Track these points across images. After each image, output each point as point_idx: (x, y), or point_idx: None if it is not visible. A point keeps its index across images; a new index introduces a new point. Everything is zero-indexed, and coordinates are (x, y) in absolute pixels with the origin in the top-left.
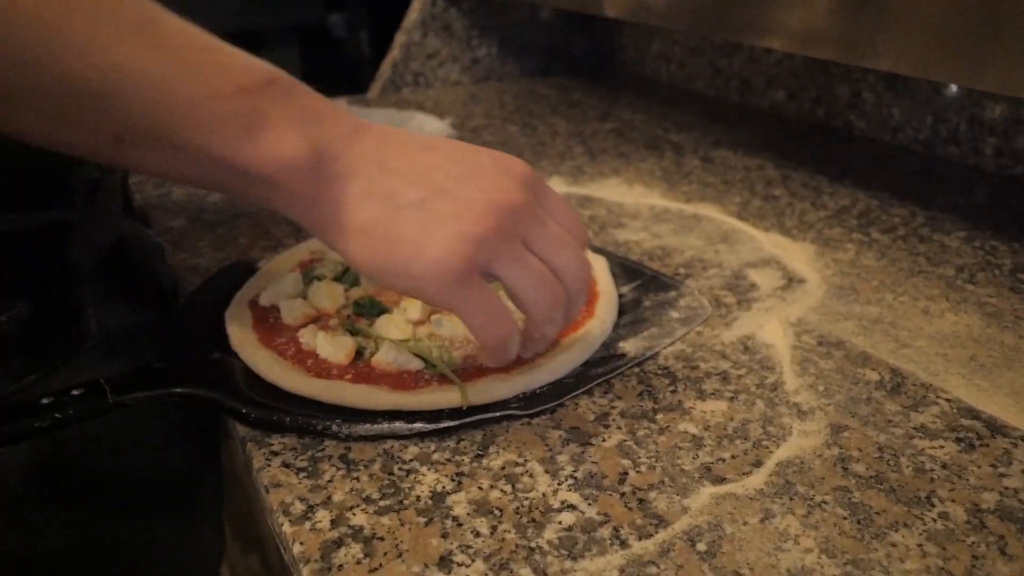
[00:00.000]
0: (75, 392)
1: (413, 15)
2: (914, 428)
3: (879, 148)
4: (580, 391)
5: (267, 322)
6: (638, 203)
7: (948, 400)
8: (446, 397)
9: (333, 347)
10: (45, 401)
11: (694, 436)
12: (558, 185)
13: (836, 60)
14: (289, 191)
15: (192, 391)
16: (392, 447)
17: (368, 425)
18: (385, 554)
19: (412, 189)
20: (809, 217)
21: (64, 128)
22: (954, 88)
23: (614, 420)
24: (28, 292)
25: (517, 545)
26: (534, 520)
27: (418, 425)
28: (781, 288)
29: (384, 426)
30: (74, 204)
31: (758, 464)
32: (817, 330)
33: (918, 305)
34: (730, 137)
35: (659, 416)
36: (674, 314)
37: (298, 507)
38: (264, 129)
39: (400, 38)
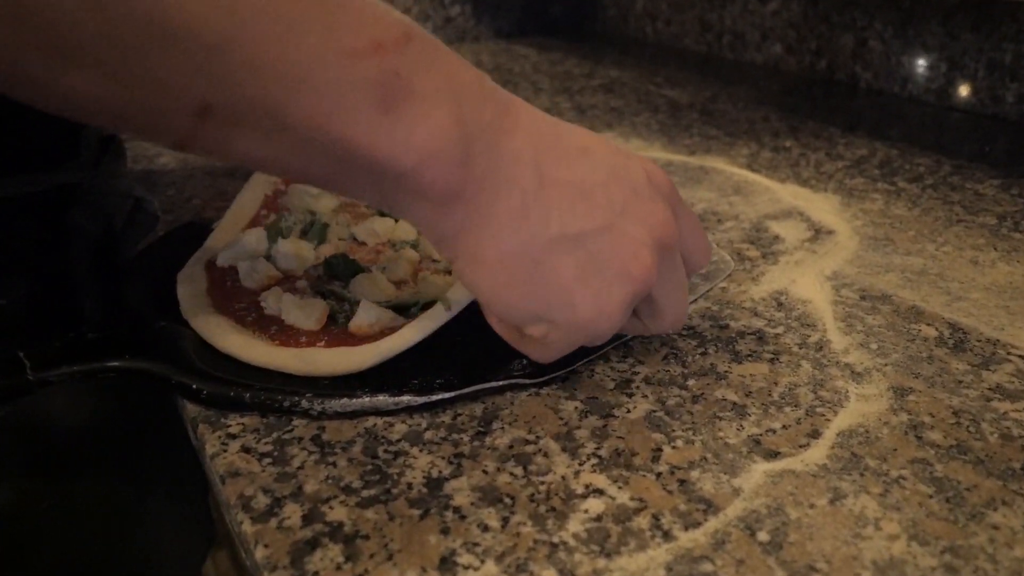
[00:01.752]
0: None
1: None
2: (989, 389)
3: (888, 100)
4: (594, 355)
5: (224, 286)
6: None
7: (1022, 356)
8: (430, 323)
9: (302, 311)
10: None
11: (735, 404)
12: None
13: None
14: (425, 190)
15: (130, 364)
16: (375, 425)
17: (346, 400)
18: (372, 556)
19: (572, 217)
20: (827, 167)
21: (129, 89)
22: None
23: (638, 388)
24: (29, 266)
25: (536, 540)
26: (554, 509)
27: (406, 398)
28: (809, 240)
29: (365, 400)
30: (81, 165)
31: (816, 435)
32: (857, 283)
33: (964, 255)
34: (727, 92)
35: (690, 382)
36: None
37: (261, 500)
38: (406, 103)
39: None
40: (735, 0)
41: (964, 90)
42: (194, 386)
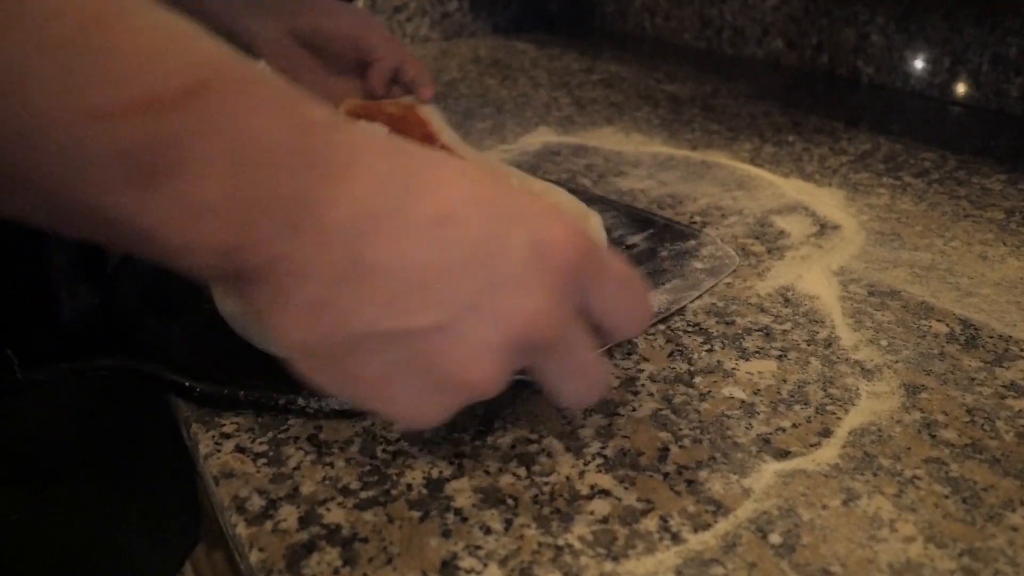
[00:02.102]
0: None
1: None
2: (1003, 386)
3: (890, 94)
4: (598, 352)
5: None
6: (638, 151)
7: None
8: None
9: None
10: None
11: (743, 402)
12: (547, 135)
13: None
14: (200, 269)
15: (121, 363)
16: (373, 424)
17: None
18: (371, 560)
19: (389, 312)
20: (831, 162)
21: None
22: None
23: (643, 385)
24: (6, 270)
25: (540, 544)
26: (559, 511)
27: None
28: (814, 235)
29: None
30: None
31: (826, 433)
32: (865, 279)
33: (973, 250)
34: (728, 87)
35: (697, 379)
36: (697, 264)
37: (256, 502)
38: (173, 175)
39: None
40: None
41: (967, 85)
42: (187, 384)
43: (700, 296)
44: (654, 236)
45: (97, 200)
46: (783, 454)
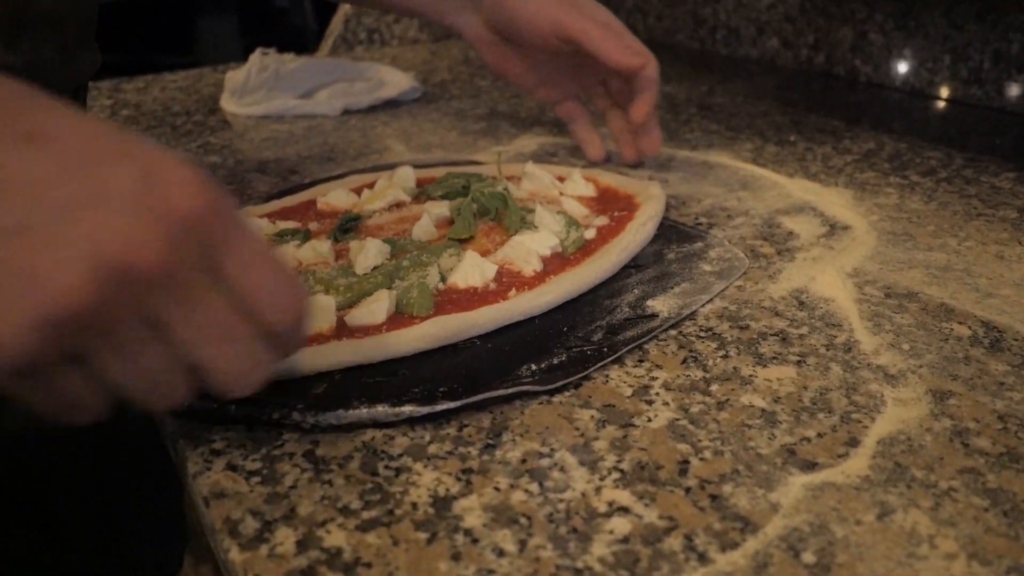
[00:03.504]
0: None
1: None
2: None
3: (889, 93)
4: (608, 360)
5: None
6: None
7: None
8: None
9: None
10: None
11: (764, 411)
12: (540, 137)
13: None
14: None
15: None
16: (373, 438)
17: (341, 411)
18: None
19: None
20: (835, 161)
21: None
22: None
23: (658, 394)
24: None
25: (558, 566)
26: (576, 530)
27: (407, 408)
28: (824, 236)
29: (362, 411)
30: None
31: (854, 443)
32: (880, 280)
33: (989, 250)
34: (724, 87)
35: (714, 387)
36: (706, 267)
37: (250, 525)
38: None
39: None
40: None
41: (969, 83)
42: None
43: (711, 300)
44: (660, 238)
45: None
46: (810, 466)
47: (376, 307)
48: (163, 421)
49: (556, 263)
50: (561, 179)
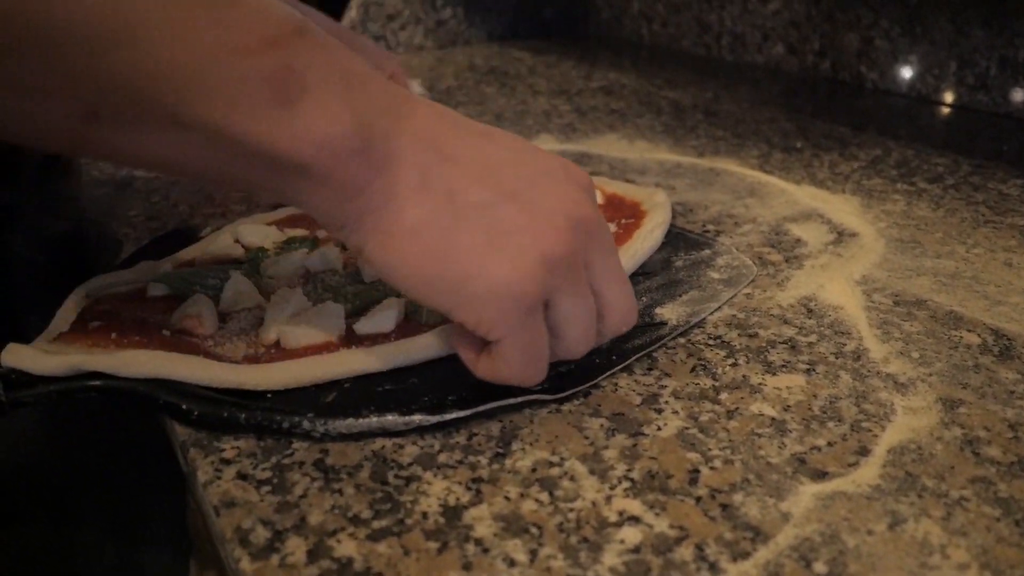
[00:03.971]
0: None
1: None
2: None
3: (895, 99)
4: (617, 368)
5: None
6: (644, 158)
7: None
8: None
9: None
10: None
11: (773, 419)
12: (548, 143)
13: None
14: (325, 179)
15: (112, 384)
16: (383, 447)
17: (351, 420)
18: None
19: (477, 186)
20: (842, 168)
21: (3, 96)
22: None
23: (667, 402)
24: None
25: None
26: (587, 540)
27: (417, 417)
28: (832, 243)
29: (372, 420)
30: (21, 185)
31: (864, 452)
32: (889, 288)
33: (997, 257)
34: (730, 93)
35: (723, 396)
36: (714, 275)
37: (261, 534)
38: (301, 96)
39: None
40: (734, 0)
41: (975, 89)
42: (184, 406)
43: (720, 308)
44: (667, 245)
45: (245, 125)
46: (821, 475)
47: (385, 315)
48: (172, 430)
49: None
50: None
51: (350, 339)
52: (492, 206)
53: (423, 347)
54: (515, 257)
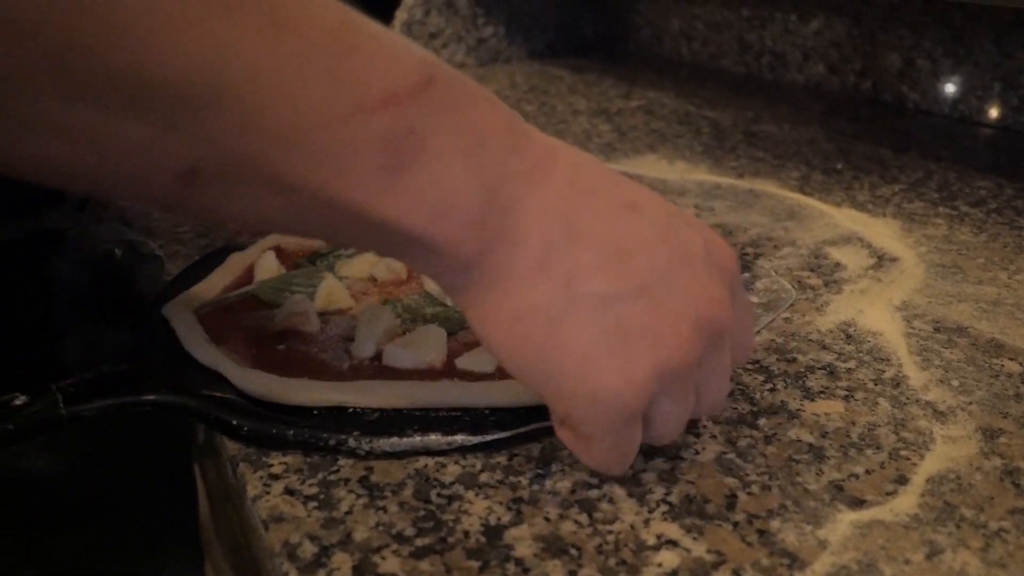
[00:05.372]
0: (18, 402)
1: None
2: None
3: (937, 120)
4: None
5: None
6: (683, 179)
7: None
8: None
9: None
10: None
11: (811, 446)
12: None
13: None
14: (437, 250)
15: (166, 399)
16: (426, 466)
17: (395, 439)
18: None
19: (601, 275)
20: (883, 191)
21: (101, 154)
22: None
23: (705, 427)
24: (7, 317)
25: None
26: (625, 562)
27: (459, 437)
28: (872, 267)
29: (416, 439)
30: (65, 210)
31: (903, 481)
32: (929, 314)
33: None
34: (770, 113)
35: (761, 421)
36: (753, 298)
37: (308, 549)
38: (420, 161)
39: (400, 16)
40: (775, 20)
41: (1019, 110)
42: (234, 422)
43: (758, 332)
44: None
45: (352, 191)
46: (858, 503)
47: (489, 356)
48: (222, 445)
49: None
50: None
51: (449, 365)
52: (613, 300)
53: (515, 395)
54: (626, 365)
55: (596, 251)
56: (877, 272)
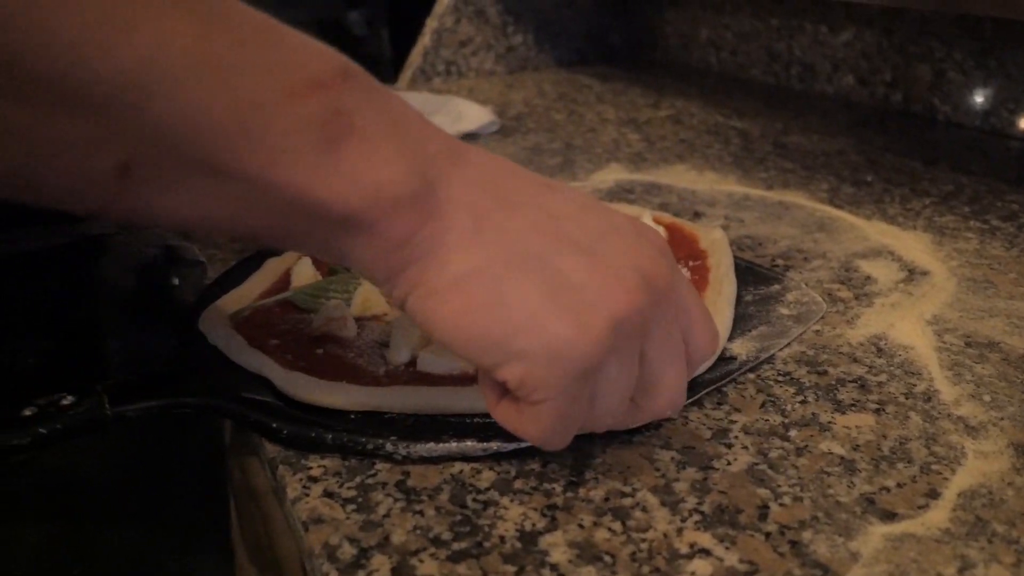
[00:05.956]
0: (65, 402)
1: None
2: None
3: (968, 133)
4: (688, 401)
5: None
6: (712, 190)
7: None
8: None
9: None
10: (27, 412)
11: (843, 458)
12: (618, 172)
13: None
14: (371, 228)
15: (207, 401)
16: (461, 471)
17: (432, 444)
18: None
19: (538, 235)
20: (913, 204)
21: (34, 155)
22: None
23: (736, 437)
24: (53, 321)
25: None
26: (658, 570)
27: (495, 444)
28: (903, 281)
29: (452, 445)
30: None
31: (934, 495)
32: (960, 329)
33: None
34: (799, 124)
35: (792, 433)
36: (783, 310)
37: (347, 550)
38: (349, 140)
39: (431, 24)
40: (804, 30)
41: None
42: (274, 425)
43: (789, 344)
44: (737, 279)
45: (287, 176)
46: (889, 516)
47: None
48: (262, 448)
49: None
50: None
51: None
52: (553, 256)
53: None
54: (579, 316)
55: (528, 215)
56: (908, 286)
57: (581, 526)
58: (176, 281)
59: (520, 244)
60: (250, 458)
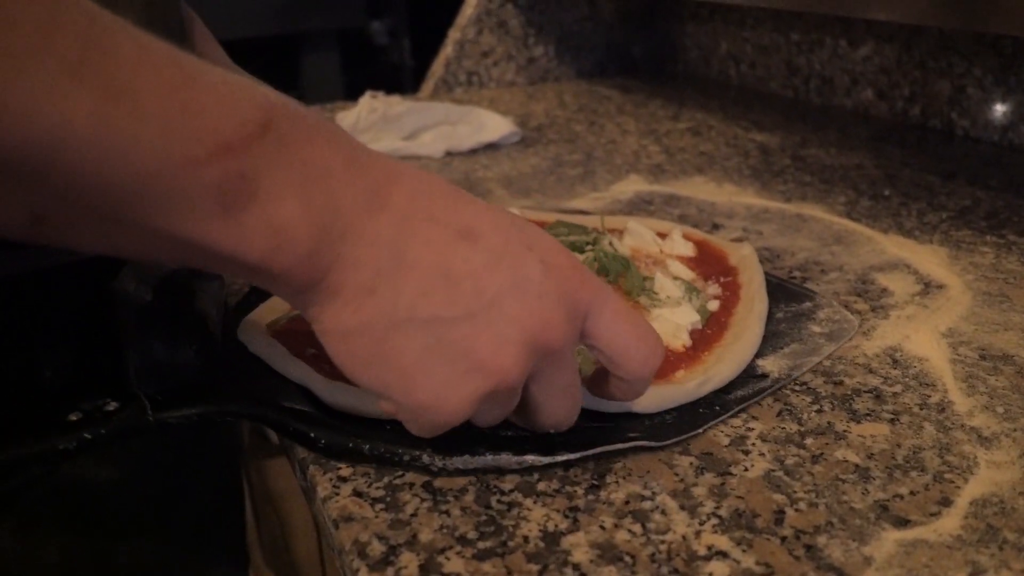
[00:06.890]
0: (109, 408)
1: (468, 11)
2: None
3: (986, 148)
4: (722, 418)
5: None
6: (731, 202)
7: None
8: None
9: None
10: (73, 417)
11: (857, 466)
12: (638, 184)
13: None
14: (275, 278)
15: (247, 410)
16: (486, 474)
17: (467, 457)
18: None
19: (426, 301)
20: (930, 218)
21: None
22: None
23: (754, 445)
24: (73, 335)
25: None
26: (677, 571)
27: (530, 457)
28: (919, 294)
29: (488, 458)
30: None
31: (946, 503)
32: (975, 342)
33: None
34: (818, 137)
35: (808, 441)
36: (815, 328)
37: (376, 548)
38: (251, 202)
39: (454, 35)
40: (824, 44)
41: None
42: (312, 434)
43: (820, 362)
44: (768, 296)
45: (190, 231)
46: (903, 522)
47: None
48: (292, 448)
49: (697, 336)
50: (661, 235)
51: None
52: (437, 324)
53: (597, 415)
54: (444, 387)
55: (423, 279)
56: (924, 299)
57: (602, 527)
58: (195, 294)
59: (408, 308)
60: (267, 461)
